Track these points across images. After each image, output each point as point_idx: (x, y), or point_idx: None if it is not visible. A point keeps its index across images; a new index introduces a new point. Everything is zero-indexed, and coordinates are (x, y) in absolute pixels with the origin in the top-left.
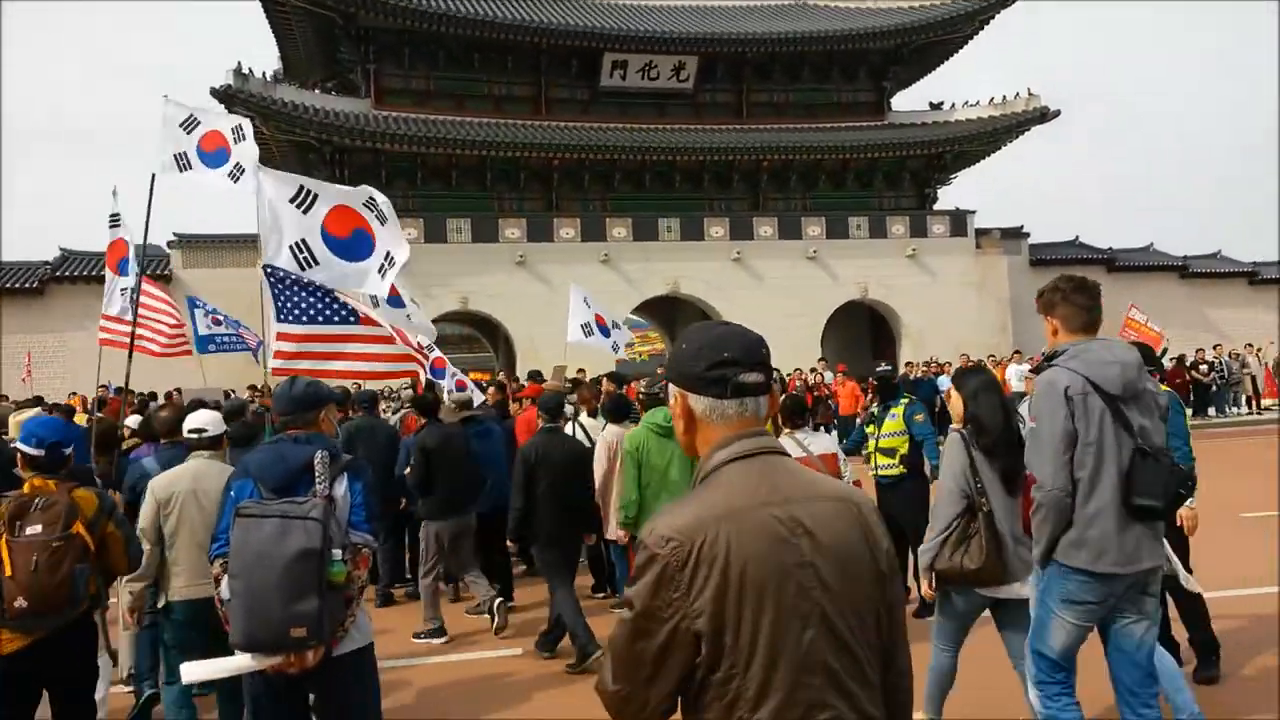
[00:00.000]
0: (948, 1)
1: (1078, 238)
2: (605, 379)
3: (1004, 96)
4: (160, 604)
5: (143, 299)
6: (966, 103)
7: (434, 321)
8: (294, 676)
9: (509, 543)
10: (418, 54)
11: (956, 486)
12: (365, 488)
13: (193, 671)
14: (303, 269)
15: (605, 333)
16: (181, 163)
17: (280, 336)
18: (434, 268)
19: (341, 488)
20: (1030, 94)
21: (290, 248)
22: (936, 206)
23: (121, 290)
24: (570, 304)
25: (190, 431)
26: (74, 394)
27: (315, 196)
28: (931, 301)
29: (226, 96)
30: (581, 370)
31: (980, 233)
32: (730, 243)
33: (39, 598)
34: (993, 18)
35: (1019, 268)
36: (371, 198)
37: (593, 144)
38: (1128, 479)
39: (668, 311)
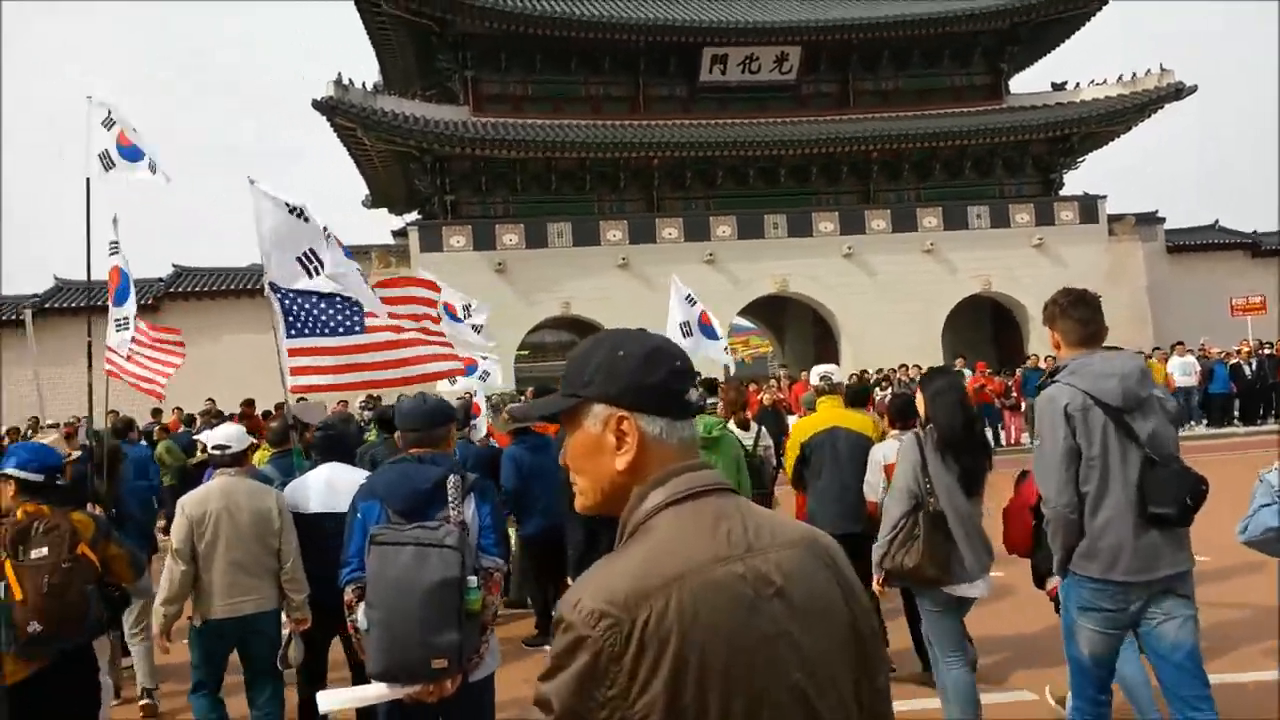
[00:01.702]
0: None
1: (1217, 222)
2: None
3: (1134, 74)
4: (197, 623)
5: (139, 335)
6: (1093, 81)
7: (536, 329)
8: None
9: (569, 580)
10: (514, 59)
11: (906, 486)
12: (493, 509)
13: (330, 700)
14: (311, 277)
15: (711, 334)
16: (105, 161)
17: (293, 353)
18: (535, 273)
19: (470, 510)
20: (1163, 69)
21: (299, 258)
22: (1063, 192)
23: (117, 321)
24: (670, 300)
25: (214, 448)
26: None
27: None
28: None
29: (329, 108)
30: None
31: (1113, 219)
32: (841, 238)
33: (53, 620)
34: None
35: (1156, 255)
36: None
37: (693, 141)
38: (1140, 489)
39: (776, 312)
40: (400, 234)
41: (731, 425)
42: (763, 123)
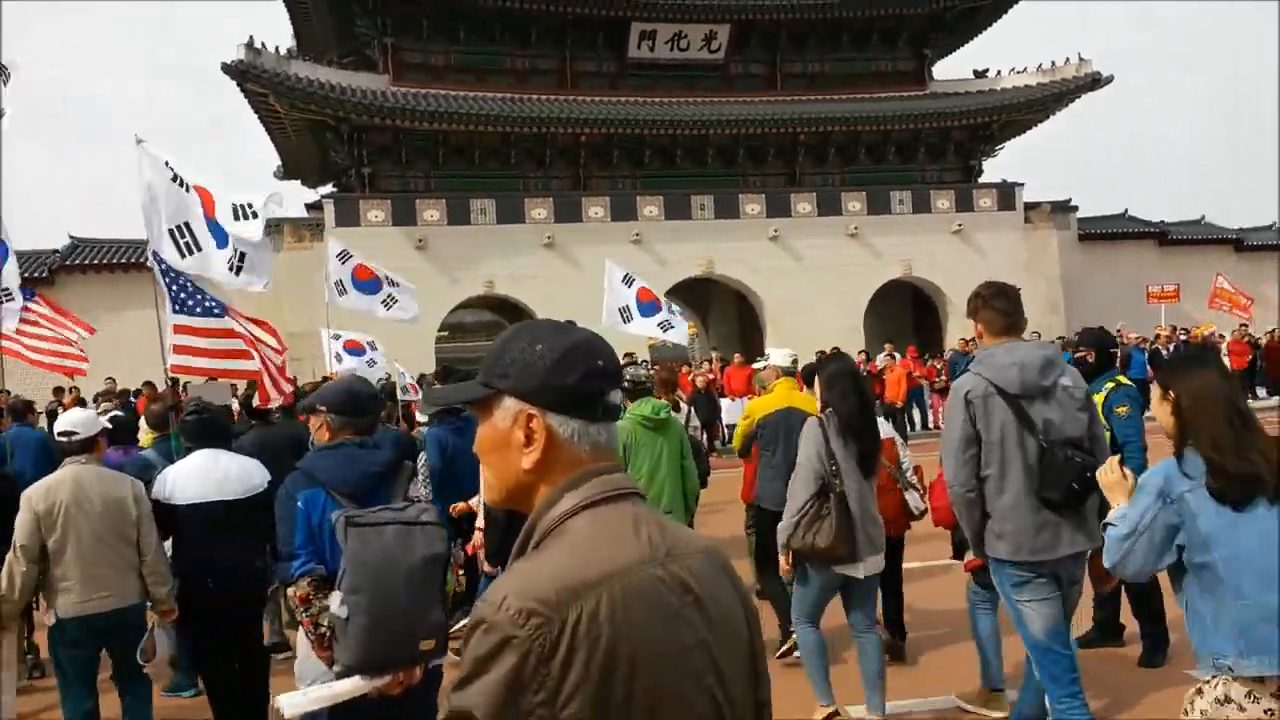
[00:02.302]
0: None
1: (1127, 211)
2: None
3: (1053, 62)
4: (50, 621)
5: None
6: (1013, 69)
7: (458, 308)
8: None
9: (489, 567)
10: (437, 27)
11: (811, 468)
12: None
13: (295, 703)
14: (181, 255)
15: (650, 309)
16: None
17: (176, 329)
18: (457, 250)
19: (414, 493)
20: (1081, 59)
21: (170, 231)
22: (983, 180)
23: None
24: (606, 283)
25: (60, 435)
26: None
27: (184, 176)
28: (978, 279)
29: (239, 72)
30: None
31: (1029, 206)
32: (767, 220)
33: None
34: None
35: (1068, 243)
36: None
37: (621, 118)
38: (1034, 473)
39: (700, 295)
40: (314, 207)
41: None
42: (691, 102)
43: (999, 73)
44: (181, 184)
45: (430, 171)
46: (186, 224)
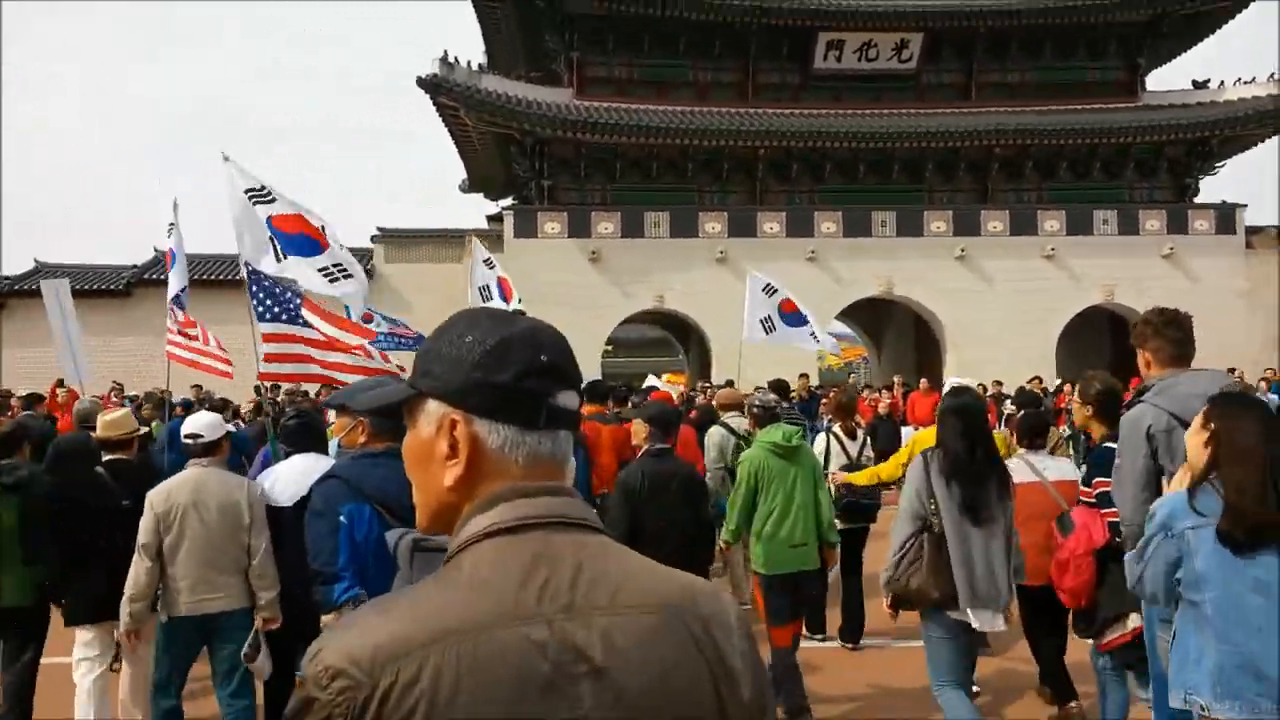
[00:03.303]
0: None
1: None
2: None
3: None
4: (163, 619)
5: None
6: (1239, 80)
7: (627, 321)
8: None
9: None
10: (621, 40)
11: (911, 507)
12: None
13: None
14: (277, 259)
15: (797, 320)
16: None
17: (266, 338)
18: (629, 263)
19: None
20: None
21: (269, 240)
22: (1198, 200)
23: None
24: (747, 295)
25: (186, 437)
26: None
27: (270, 195)
28: (1192, 309)
29: (433, 86)
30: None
31: (1251, 230)
32: (953, 239)
33: None
34: None
35: None
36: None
37: (801, 130)
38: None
39: (875, 317)
40: (495, 219)
41: (838, 430)
42: (878, 113)
43: (1221, 83)
44: (266, 196)
45: (607, 184)
46: (272, 237)
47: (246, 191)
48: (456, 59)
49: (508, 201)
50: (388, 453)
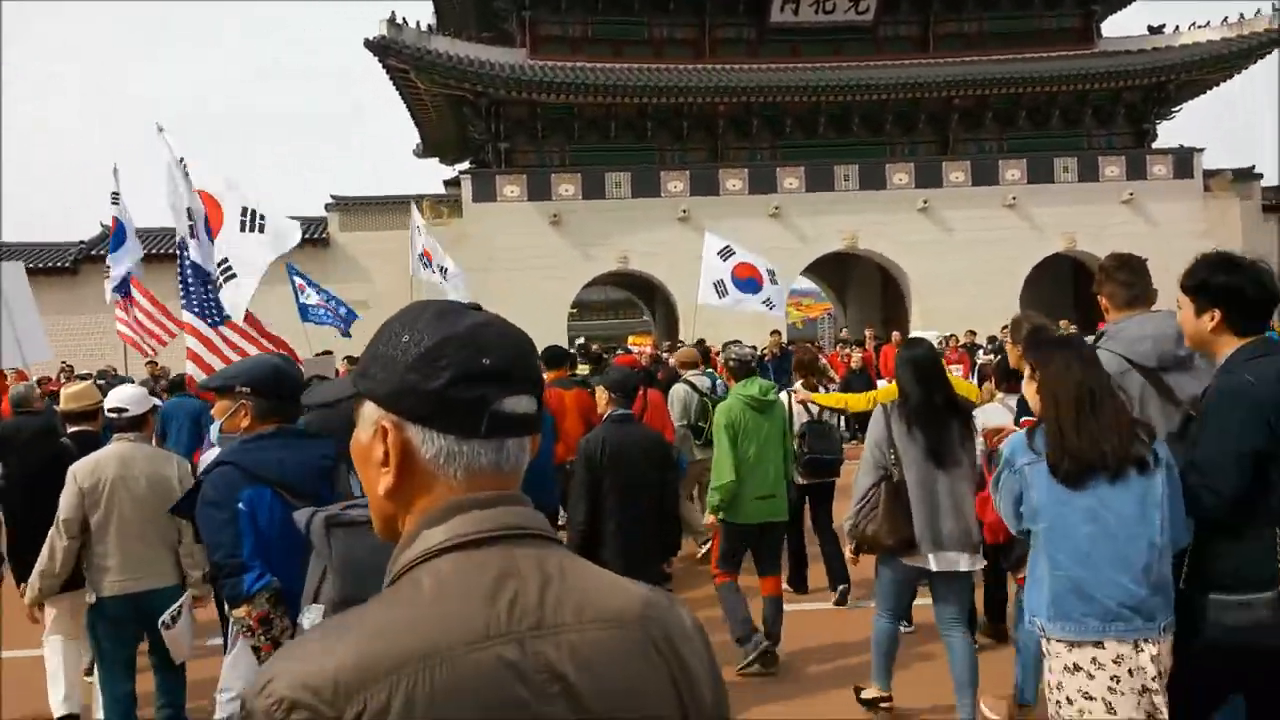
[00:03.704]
0: None
1: None
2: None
3: (1241, 15)
4: (90, 599)
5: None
6: (1194, 24)
7: (591, 283)
8: None
9: None
10: None
11: (872, 457)
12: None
13: None
14: (193, 236)
15: (750, 286)
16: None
17: (188, 330)
18: (591, 225)
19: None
20: (1276, 9)
21: (186, 211)
22: (1156, 145)
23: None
24: (704, 255)
25: (110, 411)
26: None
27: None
28: (1151, 253)
29: (381, 48)
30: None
31: (1209, 174)
32: (916, 191)
33: None
34: None
35: (1252, 214)
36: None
37: (761, 85)
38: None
39: (838, 271)
40: (452, 183)
41: (799, 387)
42: (836, 67)
43: (1176, 28)
44: (183, 169)
45: (565, 145)
46: (190, 209)
47: (180, 161)
48: (404, 20)
49: (464, 166)
50: (279, 433)
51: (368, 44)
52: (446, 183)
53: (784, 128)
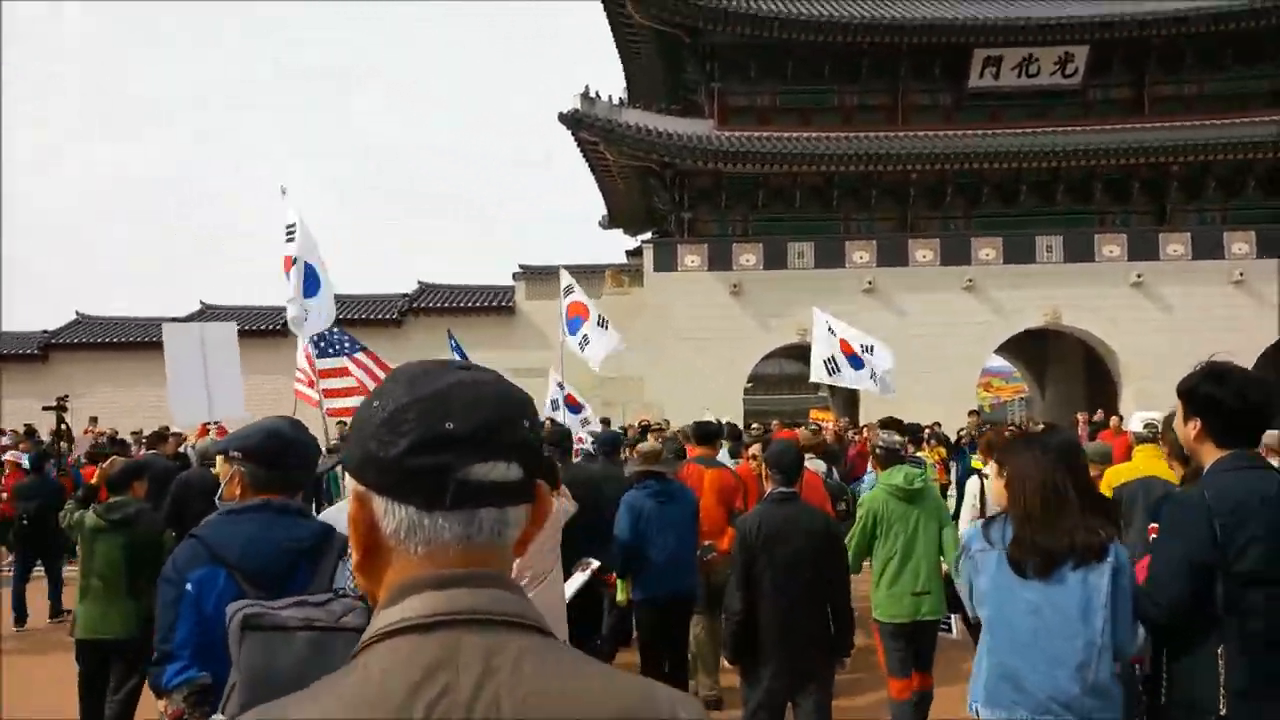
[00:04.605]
0: None
1: None
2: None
3: None
4: None
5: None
6: None
7: (769, 356)
8: None
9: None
10: (764, 68)
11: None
12: None
13: None
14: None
15: (855, 363)
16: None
17: (323, 374)
18: (771, 296)
19: (343, 578)
20: None
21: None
22: None
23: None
24: (814, 333)
25: None
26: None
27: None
28: None
29: (574, 121)
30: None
31: None
32: (1128, 264)
33: None
34: None
35: None
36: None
37: (956, 151)
38: None
39: (1036, 350)
40: (634, 253)
41: (990, 470)
42: (1040, 132)
43: None
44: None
45: (749, 215)
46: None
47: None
48: (597, 93)
49: (647, 236)
50: (265, 507)
51: (561, 117)
52: (629, 253)
53: (980, 196)
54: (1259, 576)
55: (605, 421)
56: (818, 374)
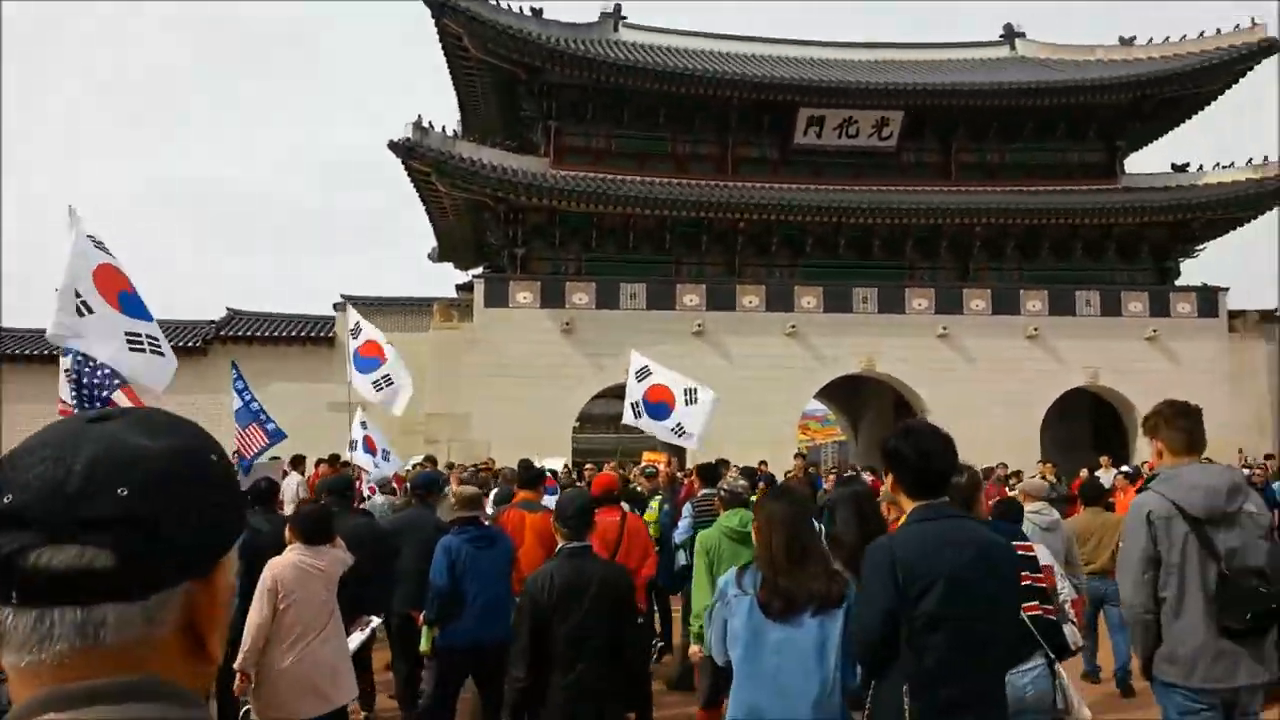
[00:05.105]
0: (1191, 52)
1: None
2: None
3: (1265, 158)
4: None
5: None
6: (1218, 164)
7: (600, 395)
8: None
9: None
10: (600, 111)
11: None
12: None
13: None
14: (80, 314)
15: (660, 412)
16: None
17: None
18: (603, 335)
19: None
20: None
21: (74, 291)
22: (1180, 282)
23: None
24: (629, 372)
25: None
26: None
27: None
28: (1174, 392)
29: (406, 150)
30: (763, 463)
31: (1233, 314)
32: (935, 317)
33: None
34: (1249, 69)
35: (1277, 356)
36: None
37: (784, 203)
38: (1213, 600)
39: (851, 395)
40: (465, 288)
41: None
42: (858, 190)
43: (1200, 167)
44: (98, 245)
45: (582, 254)
46: (78, 289)
47: (89, 237)
48: (430, 124)
49: (478, 271)
50: None
51: (392, 146)
52: (459, 286)
53: (804, 247)
54: (939, 616)
55: (431, 460)
56: (627, 416)
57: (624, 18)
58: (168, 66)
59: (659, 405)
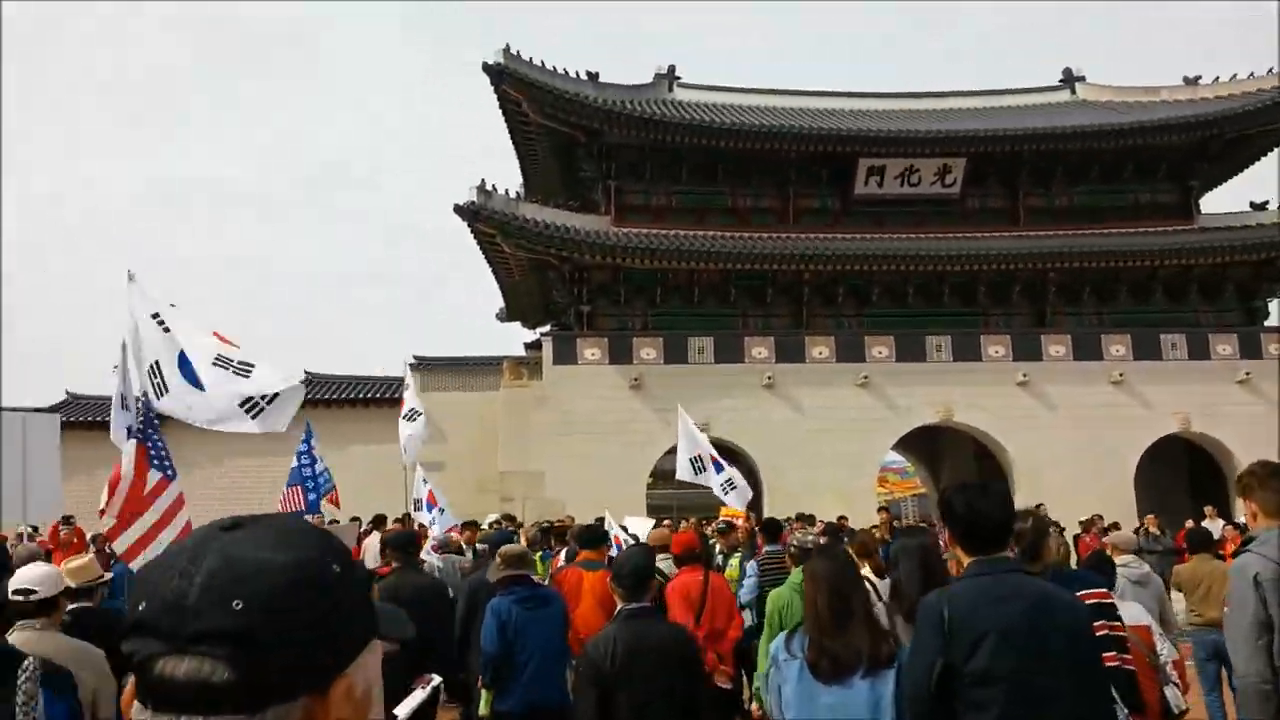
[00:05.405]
0: (1262, 89)
1: None
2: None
3: None
4: None
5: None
6: None
7: (670, 451)
8: None
9: None
10: (659, 169)
11: None
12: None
13: None
14: (157, 395)
15: (718, 468)
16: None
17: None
18: (672, 390)
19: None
20: None
21: (148, 369)
22: (1270, 323)
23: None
24: (680, 428)
25: (14, 593)
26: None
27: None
28: (1271, 436)
29: (471, 213)
30: (843, 518)
31: None
32: (1014, 364)
33: None
34: None
35: None
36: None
37: (847, 253)
38: None
39: (930, 446)
40: (533, 345)
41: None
42: (922, 238)
43: None
44: (160, 323)
45: (648, 310)
46: (156, 364)
47: (154, 316)
48: (494, 187)
49: (545, 329)
50: None
51: (458, 209)
52: (527, 345)
53: (870, 296)
54: (991, 672)
55: (509, 518)
56: (684, 472)
57: (678, 78)
58: (168, 66)
59: (716, 462)
